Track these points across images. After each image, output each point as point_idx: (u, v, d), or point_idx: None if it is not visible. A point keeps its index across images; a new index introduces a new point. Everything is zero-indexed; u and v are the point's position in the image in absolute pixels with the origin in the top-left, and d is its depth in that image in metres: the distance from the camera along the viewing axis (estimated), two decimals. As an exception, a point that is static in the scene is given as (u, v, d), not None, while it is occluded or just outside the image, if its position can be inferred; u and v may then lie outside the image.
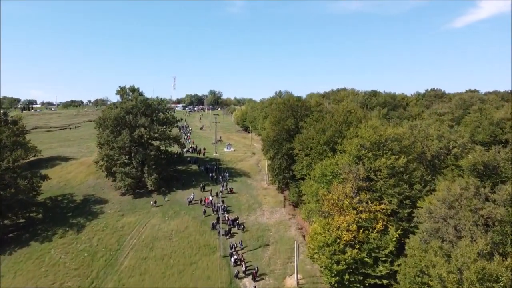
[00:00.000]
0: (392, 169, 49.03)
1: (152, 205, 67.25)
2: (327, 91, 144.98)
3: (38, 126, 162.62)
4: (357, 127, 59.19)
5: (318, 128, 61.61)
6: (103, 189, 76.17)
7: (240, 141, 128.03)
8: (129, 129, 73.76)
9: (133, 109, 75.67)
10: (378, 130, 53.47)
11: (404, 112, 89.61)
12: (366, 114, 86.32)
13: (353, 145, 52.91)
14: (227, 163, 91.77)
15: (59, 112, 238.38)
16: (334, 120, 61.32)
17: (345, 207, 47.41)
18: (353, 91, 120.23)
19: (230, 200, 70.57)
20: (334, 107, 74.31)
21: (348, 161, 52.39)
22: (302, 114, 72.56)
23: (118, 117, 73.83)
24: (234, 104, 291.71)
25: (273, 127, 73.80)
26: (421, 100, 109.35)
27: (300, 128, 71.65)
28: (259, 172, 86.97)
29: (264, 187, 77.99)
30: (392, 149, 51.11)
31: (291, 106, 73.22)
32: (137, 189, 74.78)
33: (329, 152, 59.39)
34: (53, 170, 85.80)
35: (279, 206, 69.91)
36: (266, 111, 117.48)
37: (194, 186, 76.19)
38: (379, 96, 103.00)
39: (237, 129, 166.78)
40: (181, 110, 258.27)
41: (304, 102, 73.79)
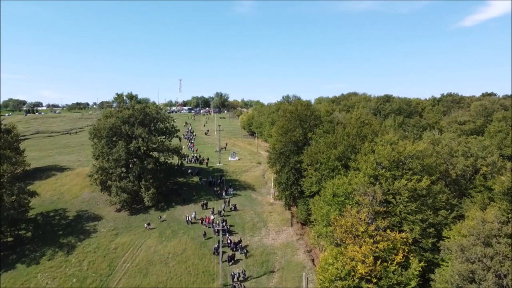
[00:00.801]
0: (413, 191, 43.47)
1: (146, 228, 61.54)
2: (337, 96, 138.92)
3: (39, 131, 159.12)
4: (373, 141, 53.54)
5: (329, 141, 55.98)
6: (98, 204, 71.39)
7: (246, 148, 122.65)
8: (125, 140, 68.77)
9: (130, 119, 70.74)
10: (396, 146, 47.83)
11: (420, 120, 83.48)
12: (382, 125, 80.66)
13: (368, 163, 47.35)
14: (231, 174, 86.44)
15: (63, 115, 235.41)
16: (347, 133, 55.62)
17: (360, 235, 41.92)
18: (365, 96, 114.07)
19: (233, 218, 65.24)
20: (346, 117, 68.54)
21: (363, 181, 46.83)
22: (311, 124, 66.95)
23: (114, 127, 68.86)
24: (241, 106, 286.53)
25: (279, 138, 68.29)
26: (438, 106, 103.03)
27: (309, 140, 66.11)
28: (265, 185, 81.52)
29: (270, 202, 72.51)
30: (413, 169, 45.45)
31: (299, 115, 67.60)
32: (134, 204, 69.89)
33: (341, 169, 53.81)
34: (47, 182, 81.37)
35: (286, 224, 64.43)
36: (272, 117, 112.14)
37: (195, 201, 70.96)
38: (393, 102, 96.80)
39: (243, 133, 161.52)
40: (187, 113, 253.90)
41: (313, 110, 68.14)
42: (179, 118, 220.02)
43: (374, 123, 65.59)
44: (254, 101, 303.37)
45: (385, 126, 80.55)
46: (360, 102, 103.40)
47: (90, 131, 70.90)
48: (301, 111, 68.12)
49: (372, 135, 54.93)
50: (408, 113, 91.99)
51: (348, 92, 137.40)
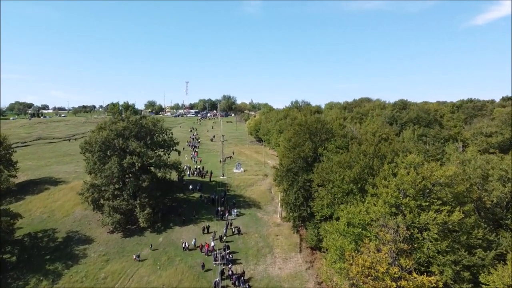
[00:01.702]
0: (443, 224, 37.00)
1: (135, 259, 55.03)
2: (348, 102, 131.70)
3: (41, 137, 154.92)
4: (392, 160, 47.07)
5: (343, 160, 49.54)
6: (90, 224, 65.89)
7: (252, 156, 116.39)
8: (119, 155, 63.17)
9: (124, 131, 65.15)
10: (421, 170, 41.31)
11: (441, 130, 76.50)
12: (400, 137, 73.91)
13: (389, 190, 40.91)
14: (235, 189, 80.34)
15: (67, 119, 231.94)
16: (363, 151, 49.10)
17: (380, 276, 35.59)
18: (379, 102, 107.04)
19: (236, 242, 59.09)
20: (361, 132, 61.98)
21: (383, 211, 40.43)
22: (322, 139, 60.58)
23: (106, 140, 63.27)
24: (249, 109, 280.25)
25: (287, 153, 62.08)
26: (458, 113, 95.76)
27: (319, 156, 59.78)
28: (272, 201, 75.24)
29: (276, 222, 66.24)
30: (442, 198, 38.97)
31: (308, 128, 61.27)
32: (129, 225, 64.29)
33: (357, 193, 47.40)
34: (38, 197, 76.30)
35: (294, 250, 58.09)
36: (280, 124, 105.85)
37: (195, 222, 64.98)
38: (410, 110, 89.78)
39: (250, 139, 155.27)
40: (193, 116, 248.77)
41: (325, 123, 61.69)
42: (185, 122, 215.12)
43: (393, 139, 59.18)
44: (262, 103, 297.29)
45: (403, 139, 73.84)
46: (375, 109, 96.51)
47: (81, 145, 65.41)
48: (311, 124, 61.79)
49: (391, 154, 48.40)
50: (427, 122, 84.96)
51: (361, 98, 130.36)
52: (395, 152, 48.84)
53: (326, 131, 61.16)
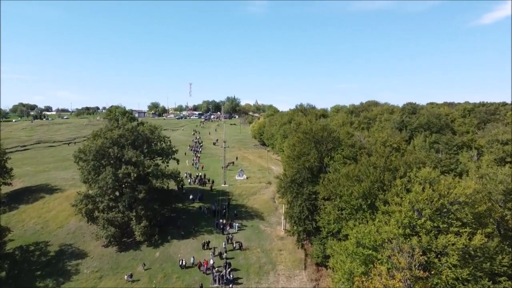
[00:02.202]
0: (463, 249, 33.43)
1: (127, 279, 51.24)
2: (355, 105, 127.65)
3: (41, 141, 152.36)
4: (405, 174, 43.49)
5: (351, 173, 45.99)
6: (84, 236, 62.85)
7: (256, 162, 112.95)
8: (114, 165, 60.06)
9: (120, 139, 61.98)
10: (438, 186, 37.73)
11: (453, 137, 72.56)
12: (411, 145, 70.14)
13: (403, 209, 37.35)
14: (237, 198, 76.94)
15: (70, 121, 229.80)
16: (373, 164, 45.51)
17: (394, 307, 32.21)
18: (387, 106, 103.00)
19: (237, 258, 55.63)
20: (371, 141, 58.30)
21: (397, 233, 36.90)
22: (328, 148, 57.05)
23: (101, 149, 60.16)
24: (253, 111, 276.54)
25: (291, 163, 58.64)
26: (470, 118, 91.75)
27: (326, 166, 56.29)
28: (275, 211, 71.76)
29: (280, 235, 62.79)
30: (462, 219, 35.41)
31: (314, 136, 57.76)
32: (124, 238, 61.18)
33: (367, 210, 43.86)
34: (33, 207, 73.47)
35: (298, 267, 54.58)
36: (284, 129, 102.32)
37: (194, 235, 61.64)
38: (420, 115, 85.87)
39: (253, 143, 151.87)
40: (197, 118, 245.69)
41: (331, 131, 58.12)
42: (188, 124, 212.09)
43: (405, 149, 55.55)
44: (266, 105, 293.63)
45: (414, 146, 70.10)
46: (383, 114, 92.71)
47: (75, 153, 62.33)
48: (316, 132, 58.25)
49: (404, 167, 44.77)
50: (438, 127, 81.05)
51: (368, 101, 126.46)
52: (408, 165, 45.19)
53: (333, 139, 57.61)
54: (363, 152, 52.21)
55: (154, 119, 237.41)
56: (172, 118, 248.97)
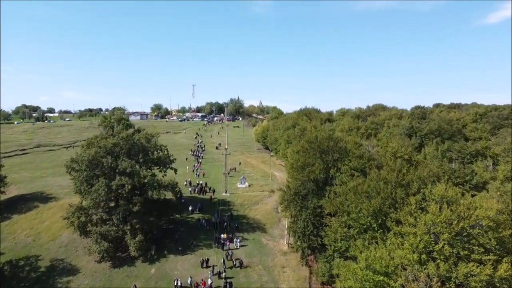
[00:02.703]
0: (488, 280, 29.89)
1: None
2: (362, 108, 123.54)
3: (41, 144, 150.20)
4: (419, 190, 39.92)
5: (360, 189, 42.45)
6: (77, 250, 59.72)
7: (259, 167, 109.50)
8: (108, 176, 56.88)
9: (114, 148, 58.78)
10: (457, 207, 34.17)
11: (466, 145, 68.68)
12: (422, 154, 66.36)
13: (418, 232, 33.81)
14: (238, 208, 73.50)
15: (72, 123, 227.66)
16: (383, 179, 41.91)
17: None
18: (396, 111, 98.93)
19: (237, 277, 52.12)
20: (380, 152, 54.64)
21: (411, 258, 33.39)
22: (334, 158, 53.49)
23: (94, 159, 56.98)
24: (257, 113, 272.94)
25: (295, 174, 55.20)
26: (482, 124, 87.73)
27: (332, 178, 52.77)
28: (278, 223, 68.29)
29: (283, 250, 59.30)
30: (484, 244, 31.87)
31: (319, 146, 54.25)
32: (119, 252, 57.94)
33: (377, 230, 40.30)
34: (26, 217, 70.58)
35: (302, 286, 51.00)
36: (288, 134, 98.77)
37: (192, 250, 58.24)
38: (430, 120, 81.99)
39: (257, 147, 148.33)
40: (200, 121, 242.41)
41: (338, 141, 54.55)
42: (191, 127, 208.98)
43: (417, 161, 51.90)
44: (270, 107, 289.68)
45: (425, 155, 66.35)
46: (391, 119, 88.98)
47: (67, 163, 59.19)
48: (322, 141, 54.75)
49: (417, 182, 41.14)
50: (450, 134, 77.21)
51: (375, 104, 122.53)
52: (421, 180, 41.55)
53: (339, 149, 54.04)
54: (372, 164, 48.68)
55: (156, 121, 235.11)
56: (174, 120, 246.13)
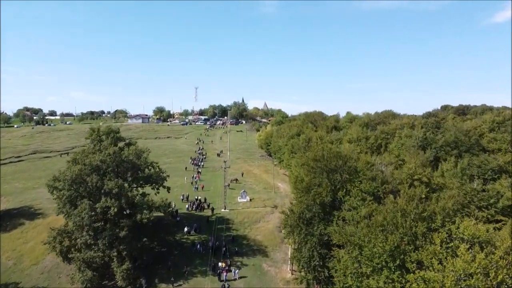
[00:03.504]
0: None
1: None
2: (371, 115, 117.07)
3: (37, 151, 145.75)
4: (444, 224, 34.25)
5: (374, 222, 36.77)
6: (60, 277, 54.68)
7: (261, 177, 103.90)
8: (93, 197, 51.71)
9: (101, 165, 53.52)
10: (495, 254, 28.55)
11: (487, 159, 62.63)
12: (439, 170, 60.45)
13: (446, 284, 28.16)
14: (238, 227, 67.97)
15: (72, 127, 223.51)
16: (401, 210, 36.17)
17: None
18: (408, 119, 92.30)
19: (233, 312, 46.81)
20: (395, 175, 48.80)
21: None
22: (343, 179, 47.86)
23: (79, 177, 51.78)
24: (261, 116, 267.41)
25: (299, 196, 49.66)
26: (501, 134, 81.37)
27: (341, 202, 47.14)
28: (281, 244, 62.70)
29: (286, 278, 53.68)
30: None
31: (326, 165, 48.64)
32: (105, 280, 52.67)
33: (395, 271, 34.58)
34: (9, 236, 65.81)
35: (307, 324, 45.46)
36: (292, 143, 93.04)
37: (186, 278, 52.74)
38: (446, 131, 75.87)
39: (260, 153, 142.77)
40: (202, 124, 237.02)
41: (346, 159, 48.89)
42: (193, 131, 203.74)
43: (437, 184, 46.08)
44: (275, 109, 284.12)
45: (443, 172, 60.40)
46: (402, 128, 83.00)
47: (49, 182, 54.08)
48: (329, 159, 49.11)
49: (441, 214, 35.43)
50: (468, 146, 71.21)
51: (384, 111, 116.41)
52: (446, 213, 35.79)
53: (349, 169, 48.38)
54: (386, 189, 43.03)
55: (157, 125, 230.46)
56: (176, 124, 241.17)
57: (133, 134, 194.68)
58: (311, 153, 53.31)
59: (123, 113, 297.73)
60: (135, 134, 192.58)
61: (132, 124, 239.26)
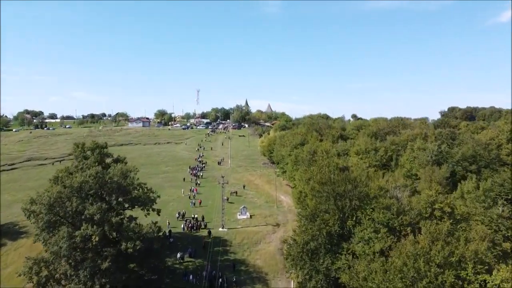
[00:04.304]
0: None
1: None
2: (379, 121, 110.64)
3: (32, 158, 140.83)
4: (477, 272, 28.61)
5: (393, 268, 31.15)
6: (39, 311, 49.16)
7: (263, 189, 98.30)
8: (72, 223, 46.40)
9: (83, 186, 48.15)
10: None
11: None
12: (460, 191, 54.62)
13: None
14: (236, 250, 62.43)
15: (71, 131, 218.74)
16: (424, 253, 30.50)
17: None
18: (420, 129, 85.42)
19: None
20: (413, 203, 43.00)
21: None
22: (353, 206, 42.27)
23: (58, 201, 46.43)
24: (264, 120, 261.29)
25: (304, 225, 44.03)
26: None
27: (350, 233, 41.56)
28: (283, 270, 56.97)
29: (288, 313, 48.16)
30: None
31: (334, 190, 43.02)
32: (87, 316, 47.18)
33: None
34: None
35: None
36: (296, 154, 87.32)
37: (176, 314, 47.49)
38: (463, 144, 69.81)
39: (263, 161, 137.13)
40: (203, 128, 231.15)
41: (357, 183, 43.27)
42: (194, 136, 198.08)
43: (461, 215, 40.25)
44: (279, 113, 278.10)
45: (462, 194, 54.51)
46: (414, 139, 76.98)
47: (24, 206, 48.64)
48: (337, 183, 43.50)
49: (473, 259, 29.77)
50: (487, 161, 65.29)
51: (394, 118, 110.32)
52: (478, 258, 30.08)
53: (359, 194, 42.74)
54: (404, 221, 37.40)
55: (158, 130, 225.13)
56: (177, 128, 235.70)
57: (133, 139, 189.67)
58: (317, 174, 47.66)
59: (124, 116, 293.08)
60: (134, 139, 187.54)
61: (132, 128, 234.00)
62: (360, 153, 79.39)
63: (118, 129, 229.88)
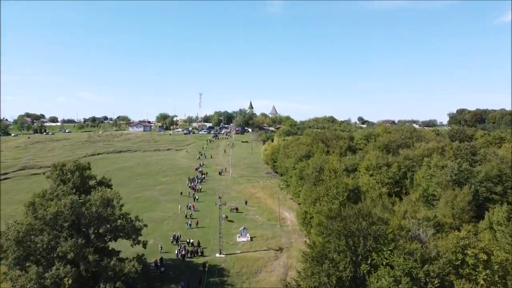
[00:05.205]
0: None
1: None
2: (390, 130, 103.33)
3: (26, 166, 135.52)
4: None
5: None
6: None
7: (266, 204, 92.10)
8: (45, 261, 40.47)
9: (57, 218, 42.21)
10: None
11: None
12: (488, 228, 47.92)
13: None
14: (234, 281, 56.02)
15: (70, 136, 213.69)
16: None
17: None
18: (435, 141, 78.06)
19: None
20: (437, 242, 36.39)
21: None
22: (368, 248, 35.88)
23: (28, 235, 40.62)
24: (269, 124, 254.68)
25: (310, 267, 37.65)
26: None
27: (365, 280, 35.17)
28: (286, 307, 50.77)
29: None
30: None
31: (344, 227, 36.65)
32: None
33: None
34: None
35: None
36: (301, 168, 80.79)
37: None
38: (487, 163, 62.74)
39: (266, 170, 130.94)
40: (206, 134, 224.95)
41: (372, 220, 36.92)
42: (195, 142, 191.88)
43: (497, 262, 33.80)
44: (283, 116, 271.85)
45: (491, 224, 47.83)
46: (430, 155, 70.07)
47: (-11, 241, 42.78)
48: (348, 218, 37.12)
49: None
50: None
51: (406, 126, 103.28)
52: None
53: (375, 233, 36.36)
54: (431, 272, 30.98)
55: (159, 134, 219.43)
56: (179, 133, 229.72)
57: (132, 145, 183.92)
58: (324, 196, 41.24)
59: (125, 120, 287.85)
60: (133, 145, 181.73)
61: (132, 133, 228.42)
62: (371, 168, 72.90)
63: (118, 133, 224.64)
